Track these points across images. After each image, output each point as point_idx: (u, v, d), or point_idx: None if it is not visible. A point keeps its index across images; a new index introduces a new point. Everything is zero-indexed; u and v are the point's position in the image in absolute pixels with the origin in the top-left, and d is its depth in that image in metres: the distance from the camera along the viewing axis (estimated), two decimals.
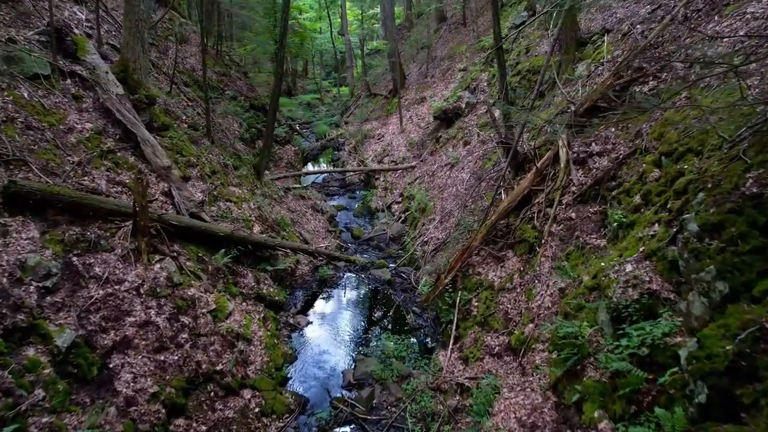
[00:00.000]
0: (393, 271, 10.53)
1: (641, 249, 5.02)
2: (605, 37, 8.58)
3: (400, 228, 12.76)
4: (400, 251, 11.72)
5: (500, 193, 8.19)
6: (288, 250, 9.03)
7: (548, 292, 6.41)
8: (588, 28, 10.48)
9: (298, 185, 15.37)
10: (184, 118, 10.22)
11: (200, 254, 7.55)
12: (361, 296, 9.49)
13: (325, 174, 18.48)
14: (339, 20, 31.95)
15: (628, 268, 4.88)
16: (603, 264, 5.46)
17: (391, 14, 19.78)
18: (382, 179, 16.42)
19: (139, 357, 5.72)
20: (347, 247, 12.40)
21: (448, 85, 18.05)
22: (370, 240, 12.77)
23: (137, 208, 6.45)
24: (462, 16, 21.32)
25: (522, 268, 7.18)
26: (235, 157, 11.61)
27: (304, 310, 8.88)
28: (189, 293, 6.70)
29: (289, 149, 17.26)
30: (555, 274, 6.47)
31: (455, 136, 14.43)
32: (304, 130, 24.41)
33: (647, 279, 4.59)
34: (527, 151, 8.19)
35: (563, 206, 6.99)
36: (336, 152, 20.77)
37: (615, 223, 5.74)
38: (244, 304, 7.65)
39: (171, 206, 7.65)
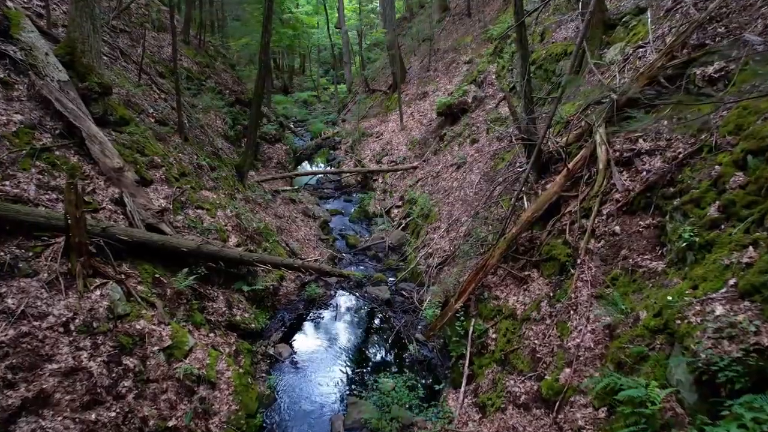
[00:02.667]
0: (392, 287, 9.18)
1: (731, 282, 3.67)
2: (647, 14, 7.20)
3: (400, 236, 11.41)
4: (400, 263, 10.37)
5: (521, 199, 6.83)
6: (269, 266, 7.68)
7: (589, 328, 5.05)
8: (617, 8, 9.14)
9: (288, 188, 14.03)
10: (151, 111, 8.86)
11: (157, 275, 6.19)
12: (356, 319, 8.14)
13: (320, 175, 17.13)
14: (337, 15, 30.59)
15: (719, 310, 3.52)
16: (670, 298, 4.11)
17: (391, 3, 18.43)
18: (381, 181, 15.09)
19: (60, 417, 4.37)
20: (341, 257, 11.05)
21: (452, 79, 16.71)
22: (367, 249, 11.43)
23: (70, 221, 5.09)
24: (466, 6, 19.97)
25: (551, 294, 5.82)
26: (214, 156, 10.25)
27: (288, 337, 7.53)
28: (137, 327, 5.34)
29: (279, 148, 15.91)
30: (597, 304, 5.13)
31: (461, 133, 13.10)
32: (299, 129, 23.08)
33: (752, 329, 3.24)
34: (554, 148, 6.83)
35: (603, 217, 5.64)
36: (332, 152, 19.43)
37: (683, 243, 4.38)
38: (211, 335, 6.29)
39: (122, 216, 6.30)
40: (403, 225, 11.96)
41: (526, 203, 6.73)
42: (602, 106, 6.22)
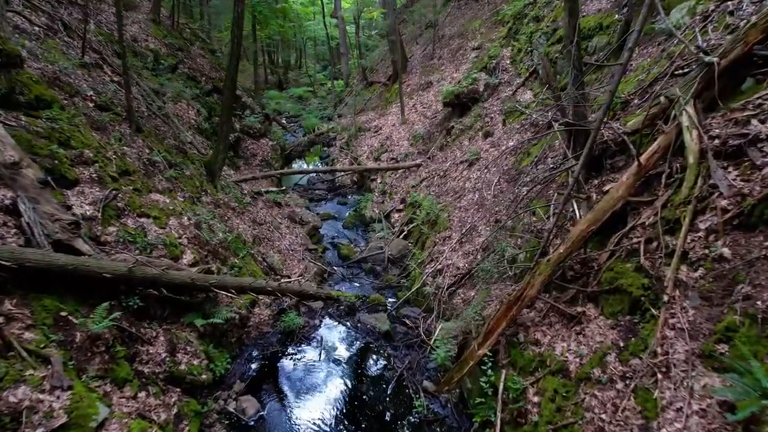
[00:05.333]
0: (392, 313, 7.43)
1: None
2: None
3: (401, 246, 9.65)
4: (402, 280, 8.61)
5: (570, 205, 5.07)
6: (232, 292, 5.91)
7: (696, 408, 3.29)
8: None
9: (274, 188, 12.26)
10: (90, 94, 7.09)
11: (63, 313, 4.42)
12: (345, 359, 6.35)
13: (311, 175, 15.36)
14: (333, 5, 28.76)
15: None
16: None
17: None
18: (379, 181, 13.33)
19: None
20: (332, 271, 9.30)
21: (459, 67, 14.94)
22: (362, 261, 9.68)
23: None
24: None
25: (622, 343, 4.06)
26: (177, 152, 8.49)
27: (256, 385, 5.75)
28: (12, 399, 3.58)
29: (264, 144, 14.12)
30: (704, 368, 3.37)
31: (472, 126, 11.34)
32: (292, 124, 21.32)
33: None
34: (610, 137, 5.06)
35: (701, 234, 3.88)
36: (326, 149, 17.66)
37: None
38: (140, 395, 4.52)
39: (17, 230, 4.53)
40: (405, 232, 10.19)
41: (577, 212, 4.95)
42: (687, 76, 4.45)
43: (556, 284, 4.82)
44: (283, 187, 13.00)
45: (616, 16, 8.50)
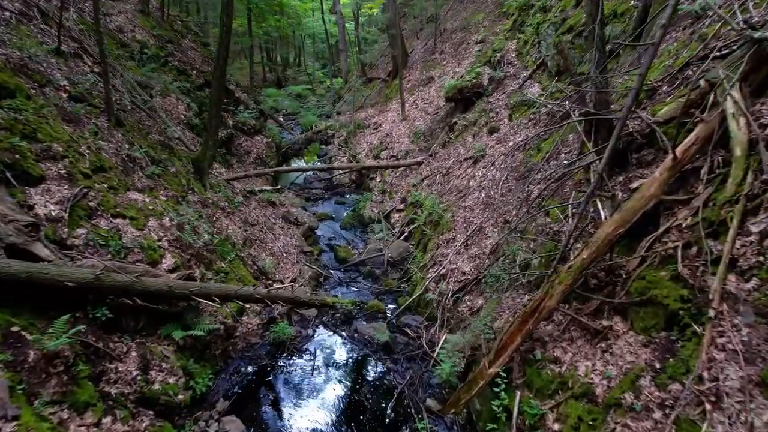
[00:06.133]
0: (392, 321, 6.88)
1: None
2: None
3: (402, 248, 9.10)
4: (402, 285, 8.05)
5: (591, 204, 4.51)
6: (216, 300, 5.35)
7: None
8: None
9: (268, 187, 11.72)
10: (63, 84, 6.54)
11: (15, 327, 3.88)
12: (340, 374, 5.79)
13: (308, 173, 14.81)
14: (331, 2, 28.19)
15: None
16: None
17: None
18: (379, 179, 12.78)
19: None
20: (328, 275, 8.76)
21: (461, 62, 14.40)
22: (360, 264, 9.14)
23: None
24: None
25: (658, 364, 3.50)
26: (163, 147, 7.93)
27: (241, 404, 5.20)
28: None
29: (259, 141, 13.56)
30: (765, 398, 2.82)
31: (476, 121, 10.79)
32: (289, 122, 20.78)
33: None
34: (636, 128, 4.50)
35: (753, 238, 3.32)
36: (323, 146, 17.12)
37: None
38: (105, 421, 3.97)
39: None
40: (405, 234, 9.65)
41: (601, 212, 4.40)
42: (730, 57, 3.90)
43: (577, 294, 4.27)
44: (279, 186, 12.47)
45: (632, 2, 7.96)
